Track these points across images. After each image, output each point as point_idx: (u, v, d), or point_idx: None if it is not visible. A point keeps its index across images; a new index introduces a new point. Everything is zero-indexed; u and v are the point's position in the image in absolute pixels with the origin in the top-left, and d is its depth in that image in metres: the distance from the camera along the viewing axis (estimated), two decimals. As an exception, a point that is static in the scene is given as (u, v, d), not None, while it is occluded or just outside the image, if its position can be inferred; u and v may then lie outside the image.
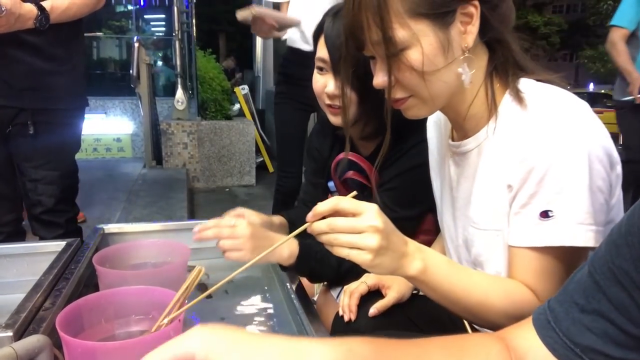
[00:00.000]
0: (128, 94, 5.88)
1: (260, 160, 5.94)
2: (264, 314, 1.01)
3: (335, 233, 0.69)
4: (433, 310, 0.86)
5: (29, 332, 0.72)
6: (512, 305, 0.75)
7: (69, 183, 1.71)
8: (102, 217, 3.21)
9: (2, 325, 0.70)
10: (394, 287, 1.03)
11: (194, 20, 6.06)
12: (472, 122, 0.84)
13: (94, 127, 5.60)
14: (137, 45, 4.65)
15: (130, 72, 4.72)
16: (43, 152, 1.61)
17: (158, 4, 7.47)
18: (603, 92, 16.03)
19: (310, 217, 0.70)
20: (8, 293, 1.03)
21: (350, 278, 1.07)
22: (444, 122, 0.95)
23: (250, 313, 1.01)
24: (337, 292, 1.25)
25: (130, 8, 7.26)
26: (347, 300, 1.01)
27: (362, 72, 0.93)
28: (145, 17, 7.69)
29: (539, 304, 0.57)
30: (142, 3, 7.31)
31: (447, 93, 0.79)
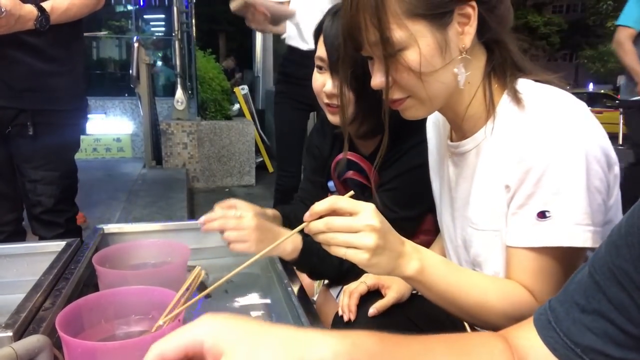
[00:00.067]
0: (128, 94, 5.89)
1: (260, 161, 5.94)
2: (264, 314, 1.01)
3: (333, 232, 0.69)
4: (432, 311, 0.86)
5: (29, 332, 0.72)
6: (509, 306, 0.75)
7: (69, 183, 1.71)
8: (102, 217, 3.21)
9: (2, 325, 0.70)
10: (394, 287, 1.03)
11: (194, 20, 6.05)
12: (470, 122, 0.84)
13: (94, 127, 5.60)
14: (136, 45, 4.65)
15: (130, 72, 4.72)
16: (43, 152, 1.61)
17: (158, 4, 7.47)
18: (603, 92, 16.05)
19: (308, 216, 0.70)
20: (8, 293, 1.03)
21: (351, 278, 1.07)
22: (443, 122, 0.95)
23: (250, 313, 1.01)
24: (336, 292, 1.25)
25: (130, 8, 7.26)
26: (346, 300, 1.01)
27: (359, 72, 0.93)
28: (145, 17, 7.69)
29: (537, 305, 0.57)
30: (141, 3, 7.31)
31: (444, 94, 0.79)
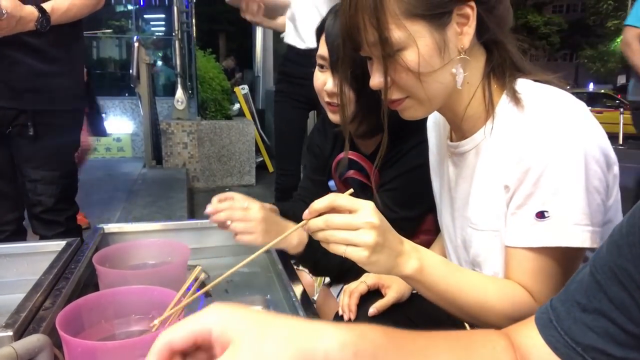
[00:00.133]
0: (128, 94, 5.89)
1: (260, 160, 5.94)
2: (264, 314, 1.01)
3: (332, 229, 0.69)
4: (432, 311, 0.86)
5: (29, 331, 0.72)
6: (509, 306, 0.75)
7: (69, 182, 1.71)
8: (102, 217, 3.21)
9: (2, 325, 0.70)
10: (394, 287, 1.03)
11: (194, 20, 6.05)
12: (469, 122, 0.84)
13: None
14: (137, 45, 4.65)
15: (130, 71, 4.72)
16: (43, 153, 1.61)
17: (158, 4, 7.48)
18: (603, 91, 16.03)
19: (307, 214, 0.70)
20: (8, 293, 1.03)
21: (352, 276, 1.07)
22: (443, 122, 0.95)
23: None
24: (337, 291, 1.25)
25: (130, 8, 7.26)
26: (346, 300, 1.01)
27: (360, 71, 0.93)
28: (145, 16, 7.69)
29: (536, 305, 0.57)
30: (142, 3, 7.31)
31: (443, 94, 0.79)
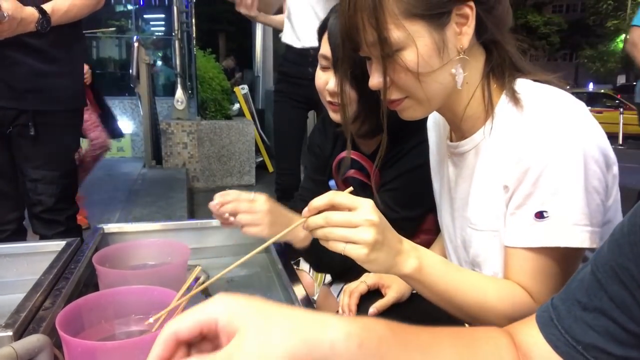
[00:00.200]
0: (128, 94, 5.89)
1: (260, 160, 5.94)
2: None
3: (331, 227, 0.69)
4: (432, 311, 0.86)
5: (29, 331, 0.72)
6: (508, 307, 0.75)
7: (69, 182, 1.72)
8: (102, 217, 3.21)
9: (2, 325, 0.70)
10: (394, 286, 1.03)
11: (194, 20, 6.05)
12: (469, 123, 0.83)
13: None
14: (136, 45, 4.65)
15: (130, 71, 4.72)
16: (43, 152, 1.61)
17: (158, 4, 7.48)
18: (603, 91, 16.02)
19: (306, 212, 0.70)
20: (8, 293, 1.03)
21: (354, 275, 1.07)
22: (443, 122, 0.95)
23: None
24: (337, 291, 1.25)
25: (130, 8, 7.26)
26: (346, 300, 1.01)
27: (361, 71, 0.93)
28: (145, 16, 7.69)
29: (535, 305, 0.58)
30: (141, 2, 7.31)
31: (443, 94, 0.79)
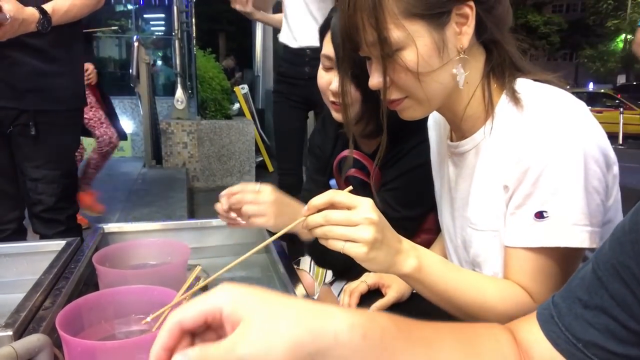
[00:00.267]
0: (128, 94, 5.88)
1: (260, 160, 5.94)
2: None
3: (330, 225, 0.69)
4: (432, 311, 0.86)
5: (29, 331, 0.72)
6: (509, 307, 0.75)
7: (69, 182, 1.72)
8: (102, 216, 3.21)
9: (2, 325, 0.70)
10: (394, 286, 1.03)
11: (194, 20, 6.04)
12: (469, 122, 0.83)
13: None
14: (136, 45, 4.64)
15: (130, 71, 4.71)
16: (44, 152, 1.61)
17: (158, 3, 7.47)
18: (603, 91, 16.01)
19: (306, 211, 0.70)
20: (8, 292, 1.03)
21: (356, 274, 1.07)
22: (444, 122, 0.95)
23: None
24: (337, 290, 1.25)
25: (130, 7, 7.26)
26: (347, 299, 1.01)
27: (365, 71, 0.93)
28: (145, 16, 7.68)
29: (534, 305, 0.58)
30: (141, 2, 7.31)
31: (442, 94, 0.79)
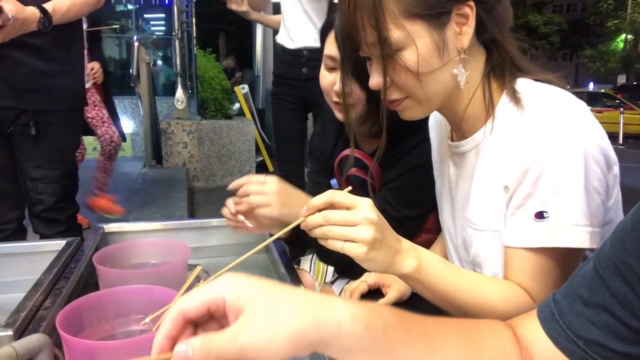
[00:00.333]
0: (128, 94, 5.88)
1: (260, 160, 5.94)
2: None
3: (330, 225, 0.69)
4: (433, 311, 0.86)
5: (29, 331, 0.72)
6: (509, 307, 0.74)
7: (70, 181, 1.72)
8: (102, 216, 3.21)
9: (2, 324, 0.70)
10: (394, 286, 1.03)
11: (194, 20, 6.05)
12: (469, 122, 0.83)
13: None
14: (137, 45, 4.65)
15: (130, 71, 4.72)
16: (44, 152, 1.61)
17: (158, 3, 7.48)
18: (603, 91, 16.01)
19: (305, 211, 0.70)
20: (8, 292, 1.03)
21: (357, 272, 1.06)
22: (444, 122, 0.95)
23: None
24: (339, 289, 1.25)
25: (130, 7, 7.26)
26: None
27: (367, 70, 0.93)
28: (145, 16, 7.69)
29: (534, 305, 0.57)
30: (141, 2, 7.31)
31: (443, 94, 0.79)
